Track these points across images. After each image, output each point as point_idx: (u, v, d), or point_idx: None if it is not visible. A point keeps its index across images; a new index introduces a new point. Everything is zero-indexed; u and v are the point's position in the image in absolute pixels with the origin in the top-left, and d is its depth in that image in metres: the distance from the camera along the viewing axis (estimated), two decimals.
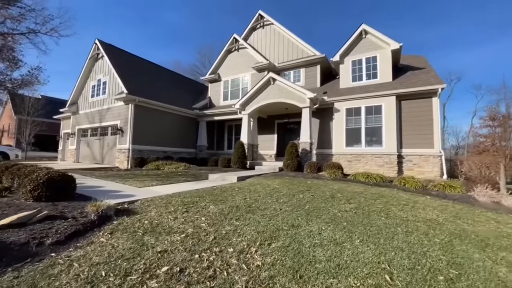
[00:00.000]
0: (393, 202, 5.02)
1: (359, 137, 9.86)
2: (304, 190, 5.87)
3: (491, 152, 39.80)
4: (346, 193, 5.64)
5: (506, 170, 6.20)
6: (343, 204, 4.76)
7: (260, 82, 11.47)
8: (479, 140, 41.67)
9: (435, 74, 9.64)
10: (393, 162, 9.07)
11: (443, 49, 55.21)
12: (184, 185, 6.55)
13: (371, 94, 9.62)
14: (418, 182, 6.54)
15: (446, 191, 6.03)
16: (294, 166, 9.45)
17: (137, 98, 11.10)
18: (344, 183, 6.99)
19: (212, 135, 16.04)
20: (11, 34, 21.26)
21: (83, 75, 14.12)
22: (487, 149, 40.42)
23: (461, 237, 3.30)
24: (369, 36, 10.81)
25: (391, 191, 6.12)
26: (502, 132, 13.86)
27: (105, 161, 12.64)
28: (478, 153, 41.65)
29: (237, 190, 5.75)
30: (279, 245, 2.92)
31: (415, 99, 9.23)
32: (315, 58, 12.65)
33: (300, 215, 4.00)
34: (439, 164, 8.61)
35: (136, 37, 67.91)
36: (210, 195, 5.10)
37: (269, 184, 6.54)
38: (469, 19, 50.19)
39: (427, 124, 8.92)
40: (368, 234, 3.31)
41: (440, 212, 4.40)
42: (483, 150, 41.37)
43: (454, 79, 41.01)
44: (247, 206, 4.41)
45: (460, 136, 44.00)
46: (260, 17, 15.05)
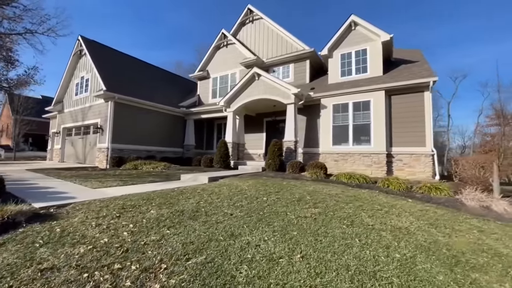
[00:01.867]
0: (367, 206, 4.43)
1: (347, 135, 9.24)
2: (272, 192, 5.32)
3: (496, 152, 38.27)
4: (317, 196, 5.07)
5: (500, 171, 5.53)
6: (307, 208, 4.20)
7: (245, 78, 10.94)
8: (485, 139, 40.49)
9: (428, 67, 8.95)
10: (382, 162, 8.43)
11: (449, 46, 53.84)
12: (147, 186, 6.07)
13: (358, 89, 9.00)
14: (402, 183, 5.92)
15: (432, 194, 5.40)
16: (276, 165, 8.90)
17: (117, 95, 10.69)
18: (323, 184, 6.42)
19: (201, 134, 15.57)
20: (8, 35, 21.19)
21: (67, 72, 13.80)
22: (494, 148, 39.12)
23: (429, 252, 2.72)
24: (359, 28, 10.17)
25: (371, 193, 5.53)
26: (502, 128, 13.06)
27: (87, 160, 12.28)
28: (484, 153, 40.44)
29: (199, 192, 5.24)
30: (199, 261, 2.40)
31: (405, 94, 8.57)
32: (304, 53, 12.05)
33: (249, 222, 3.47)
34: (431, 164, 7.94)
35: (137, 37, 68.14)
36: (162, 198, 4.60)
37: (239, 186, 6.01)
38: (478, 17, 48.76)
39: (418, 121, 8.26)
40: (316, 247, 2.75)
41: (416, 219, 3.81)
42: (489, 149, 40.11)
43: (459, 76, 39.80)
44: (194, 211, 3.89)
45: (466, 135, 42.71)
46: (249, 12, 14.51)
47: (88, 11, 54.93)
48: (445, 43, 53.96)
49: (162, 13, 63.12)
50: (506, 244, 3.01)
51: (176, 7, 60.38)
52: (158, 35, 67.75)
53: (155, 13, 63.37)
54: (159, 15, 63.56)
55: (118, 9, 60.99)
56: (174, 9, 60.73)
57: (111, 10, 60.54)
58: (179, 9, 60.52)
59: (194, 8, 59.94)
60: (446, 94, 40.73)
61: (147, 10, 63.19)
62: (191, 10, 60.51)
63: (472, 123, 44.13)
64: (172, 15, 62.27)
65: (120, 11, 61.76)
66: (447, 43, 53.93)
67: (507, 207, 4.29)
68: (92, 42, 13.15)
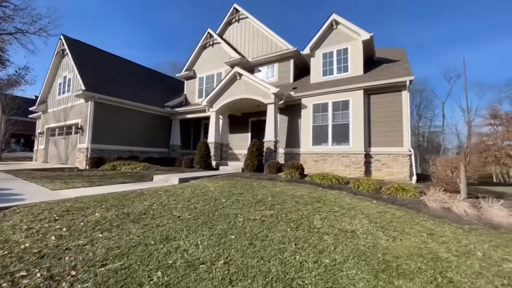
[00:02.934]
0: (325, 208, 4.32)
1: (326, 135, 9.13)
2: (236, 194, 5.21)
3: (492, 152, 38.34)
4: (280, 197, 4.96)
5: (467, 171, 5.42)
6: (261, 210, 4.08)
7: (226, 77, 10.83)
8: (479, 139, 40.37)
9: (407, 66, 8.86)
10: (360, 162, 8.32)
11: (444, 45, 53.92)
12: (113, 187, 5.95)
13: (337, 89, 8.89)
14: (371, 184, 5.81)
15: (398, 195, 5.29)
16: (254, 166, 8.78)
17: (97, 95, 10.55)
18: (294, 185, 6.30)
19: (188, 134, 15.44)
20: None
21: (50, 72, 13.65)
22: (488, 148, 39.02)
23: (362, 257, 2.61)
24: (340, 27, 10.07)
25: (339, 194, 5.41)
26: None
27: (69, 161, 12.14)
28: (479, 153, 40.37)
29: (160, 193, 5.12)
30: (114, 267, 2.28)
31: (384, 93, 8.47)
32: (288, 52, 11.94)
33: (192, 225, 3.35)
34: (408, 164, 7.84)
35: (132, 38, 67.97)
36: (116, 200, 4.48)
37: (206, 187, 5.89)
38: (473, 17, 48.85)
39: (396, 120, 8.15)
40: (246, 252, 2.64)
41: (369, 222, 3.70)
42: (483, 149, 40.01)
43: (453, 76, 39.82)
44: (142, 214, 3.77)
45: (461, 135, 42.64)
46: (235, 11, 14.39)
47: (80, 10, 54.79)
48: (443, 42, 54.03)
49: (156, 13, 63.01)
50: (450, 248, 2.90)
51: (169, 7, 60.28)
52: (154, 35, 67.64)
53: (149, 13, 63.24)
54: (153, 15, 63.45)
55: (111, 9, 60.83)
56: (168, 9, 60.64)
57: (103, 10, 60.38)
58: (172, 9, 60.43)
59: (189, 7, 59.86)
60: (441, 94, 40.73)
61: (141, 10, 63.08)
62: (184, 9, 60.41)
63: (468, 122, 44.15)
64: (166, 15, 62.15)
65: (112, 11, 61.59)
66: (445, 42, 54.02)
67: (468, 208, 4.18)
68: (75, 42, 13.00)
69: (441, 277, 2.29)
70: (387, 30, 55.61)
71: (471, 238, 3.24)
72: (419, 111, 44.53)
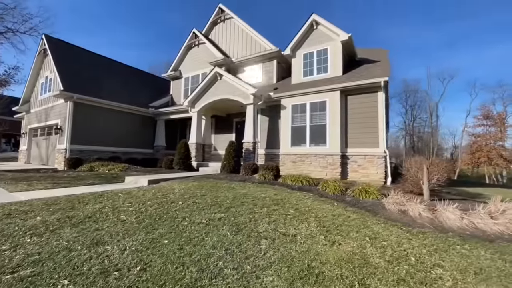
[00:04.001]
0: (280, 211, 4.26)
1: (304, 136, 9.07)
2: (197, 196, 5.14)
3: (484, 152, 38.34)
4: (241, 200, 4.89)
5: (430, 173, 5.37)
6: (214, 213, 4.01)
7: (207, 78, 10.76)
8: (472, 140, 40.40)
9: (385, 67, 8.82)
10: (337, 163, 8.27)
11: (438, 47, 54.15)
12: (78, 188, 5.85)
13: (315, 89, 8.84)
14: (338, 186, 5.75)
15: (361, 197, 5.24)
16: (231, 167, 8.71)
17: (75, 95, 10.44)
18: (262, 187, 6.24)
19: (174, 134, 15.33)
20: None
21: (33, 72, 13.51)
22: (481, 149, 39.04)
23: (287, 263, 2.54)
24: (321, 27, 10.02)
25: (303, 196, 5.35)
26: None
27: (49, 162, 12.01)
28: (471, 153, 40.34)
29: (120, 196, 5.04)
30: (23, 275, 2.21)
31: (361, 94, 8.42)
32: (271, 53, 11.88)
33: (132, 229, 3.28)
34: (383, 166, 7.80)
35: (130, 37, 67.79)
36: (69, 202, 4.39)
37: (172, 189, 5.82)
38: (468, 20, 49.14)
39: (372, 121, 8.10)
40: (171, 257, 2.57)
41: (317, 226, 3.64)
42: (476, 149, 40.05)
43: (447, 77, 39.99)
44: (87, 217, 3.69)
45: (456, 136, 42.78)
46: (220, 11, 14.32)
47: (81, 10, 54.58)
48: (437, 44, 54.30)
49: (154, 13, 62.87)
50: (385, 253, 2.84)
51: (169, 6, 60.20)
52: (152, 35, 67.51)
53: (147, 13, 63.11)
54: (151, 15, 63.30)
55: (110, 8, 60.65)
56: (167, 8, 60.55)
57: (103, 9, 60.20)
58: (172, 9, 60.36)
59: (189, 8, 59.79)
60: (435, 95, 40.83)
61: (140, 10, 62.92)
62: (183, 10, 60.32)
63: (461, 124, 44.40)
64: (165, 15, 62.04)
65: (112, 11, 61.41)
66: (439, 43, 54.28)
67: (423, 211, 4.13)
68: (57, 41, 12.87)
69: (359, 284, 2.23)
70: (386, 32, 55.79)
71: (414, 242, 3.18)
72: (414, 112, 44.70)
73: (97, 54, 14.88)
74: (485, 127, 35.83)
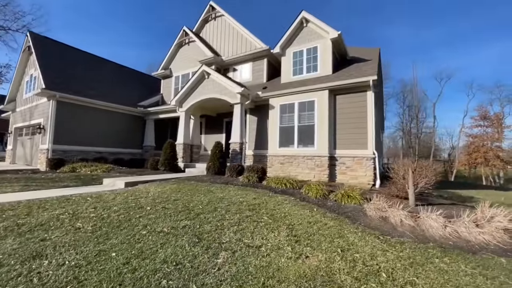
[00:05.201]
0: (254, 217, 3.98)
1: (292, 137, 8.79)
2: (171, 200, 4.86)
3: (481, 153, 38.15)
4: (215, 205, 4.61)
5: (418, 176, 5.11)
6: (178, 221, 3.73)
7: (194, 76, 10.46)
8: (469, 141, 40.20)
9: (374, 66, 8.55)
10: (325, 165, 8.00)
11: (436, 47, 54.06)
12: (48, 191, 5.54)
13: (302, 89, 8.57)
14: (321, 190, 5.48)
15: (343, 202, 4.97)
16: (216, 168, 8.43)
17: (58, 94, 10.12)
18: (244, 190, 5.96)
19: (164, 134, 15.02)
20: None
21: (18, 70, 13.18)
22: (478, 150, 38.84)
23: (240, 281, 2.26)
24: (310, 25, 9.74)
25: (283, 201, 5.07)
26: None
27: (33, 162, 11.68)
28: (468, 154, 40.11)
29: (88, 200, 4.75)
30: None
31: (350, 94, 8.15)
32: (261, 51, 11.60)
33: (82, 239, 2.99)
34: (372, 168, 7.53)
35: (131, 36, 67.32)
36: (28, 208, 4.11)
37: (146, 192, 5.53)
38: (465, 19, 49.05)
39: (361, 122, 7.84)
40: (111, 274, 2.28)
41: (287, 234, 3.36)
42: (473, 150, 39.83)
43: (444, 77, 39.88)
44: (39, 224, 3.41)
45: (453, 136, 42.67)
46: (211, 9, 14.02)
47: (77, 8, 54.11)
48: (435, 43, 54.21)
49: (153, 12, 62.45)
50: (354, 269, 2.56)
51: (170, 4, 59.83)
52: (151, 35, 67.08)
53: (146, 12, 62.67)
54: (150, 15, 62.89)
55: (109, 7, 60.21)
56: (169, 6, 60.20)
57: (101, 8, 59.76)
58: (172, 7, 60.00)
59: (187, 7, 59.41)
60: (433, 96, 40.72)
61: (139, 9, 62.50)
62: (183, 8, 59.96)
63: (459, 124, 44.31)
64: (165, 14, 61.66)
65: (111, 10, 60.95)
66: (436, 43, 54.19)
67: (405, 218, 3.86)
68: (42, 38, 12.53)
69: None
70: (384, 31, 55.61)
71: (389, 254, 2.91)
72: (411, 112, 44.52)
73: (85, 51, 14.54)
74: (482, 127, 35.70)
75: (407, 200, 5.10)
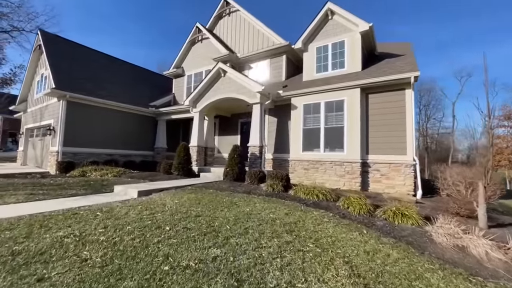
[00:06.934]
0: (296, 244, 3.24)
1: (318, 140, 8.00)
2: (192, 216, 4.18)
3: (506, 155, 36.18)
4: (244, 223, 3.90)
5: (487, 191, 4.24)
6: (206, 248, 3.03)
7: (210, 74, 9.81)
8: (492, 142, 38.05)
9: (412, 61, 7.64)
10: (356, 172, 7.17)
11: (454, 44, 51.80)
12: (54, 202, 4.97)
13: (330, 87, 7.75)
14: (365, 205, 4.68)
15: (396, 221, 4.15)
16: (235, 174, 7.74)
17: (68, 94, 9.67)
18: (271, 202, 5.24)
19: (176, 135, 14.49)
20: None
21: (29, 70, 12.90)
22: (502, 152, 36.91)
23: None
24: (336, 17, 8.91)
25: (321, 218, 4.32)
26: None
27: (43, 164, 11.32)
28: (492, 156, 38.02)
29: (98, 214, 4.13)
30: None
31: (384, 92, 7.29)
32: (280, 47, 10.84)
33: (89, 279, 2.32)
34: (412, 176, 6.66)
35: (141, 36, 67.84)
36: (28, 227, 3.51)
37: (162, 205, 4.88)
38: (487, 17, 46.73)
39: (398, 124, 6.97)
40: None
41: (349, 274, 2.60)
42: (496, 152, 37.88)
43: (464, 75, 37.97)
44: (39, 253, 2.78)
45: (473, 137, 40.61)
46: (225, 3, 13.34)
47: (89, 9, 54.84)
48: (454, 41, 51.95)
49: (163, 11, 62.67)
50: None
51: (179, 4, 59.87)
52: (160, 33, 67.39)
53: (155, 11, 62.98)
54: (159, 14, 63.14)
55: (120, 7, 60.76)
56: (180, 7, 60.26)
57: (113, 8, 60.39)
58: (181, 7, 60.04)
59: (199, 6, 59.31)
60: (451, 95, 38.88)
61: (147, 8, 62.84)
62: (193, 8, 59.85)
63: (479, 124, 42.21)
64: (176, 13, 61.80)
65: (122, 10, 61.53)
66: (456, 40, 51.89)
67: (491, 250, 3.03)
68: (53, 37, 12.19)
69: None
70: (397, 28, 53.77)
71: None
72: (428, 112, 42.69)
73: (96, 50, 14.17)
74: (507, 128, 33.76)
75: (472, 219, 4.26)
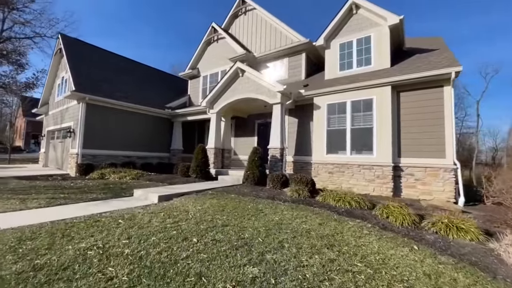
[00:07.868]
0: (341, 263, 2.84)
1: (344, 142, 7.51)
2: (219, 226, 3.86)
3: None
4: (276, 235, 3.54)
5: None
6: (242, 266, 2.69)
7: (227, 74, 9.53)
8: None
9: (449, 55, 7.01)
10: (387, 176, 6.63)
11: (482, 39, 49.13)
12: (75, 208, 4.83)
13: (357, 85, 7.25)
14: (408, 215, 4.18)
15: (451, 236, 3.64)
16: (255, 178, 7.39)
17: (87, 96, 9.70)
18: (299, 210, 4.85)
19: (192, 137, 14.37)
20: (18, 39, 21.44)
21: (50, 73, 13.19)
22: None
23: None
24: (362, 11, 8.39)
25: (360, 230, 3.88)
26: None
27: (64, 166, 11.48)
28: None
29: (120, 222, 3.91)
30: None
31: (419, 90, 6.71)
32: (299, 45, 10.41)
33: None
34: (453, 181, 6.05)
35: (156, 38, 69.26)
36: (50, 236, 3.32)
37: (185, 212, 4.61)
38: None
39: (435, 124, 6.38)
40: None
41: None
42: None
43: (490, 72, 35.78)
44: (61, 268, 2.53)
45: (498, 137, 38.28)
46: (241, 2, 13.07)
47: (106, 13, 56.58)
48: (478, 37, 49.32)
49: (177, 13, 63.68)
50: None
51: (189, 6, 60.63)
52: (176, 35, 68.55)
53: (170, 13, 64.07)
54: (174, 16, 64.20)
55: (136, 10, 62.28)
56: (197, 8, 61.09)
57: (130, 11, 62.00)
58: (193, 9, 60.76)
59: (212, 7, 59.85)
60: (475, 92, 36.76)
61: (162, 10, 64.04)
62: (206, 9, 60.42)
63: (506, 123, 39.74)
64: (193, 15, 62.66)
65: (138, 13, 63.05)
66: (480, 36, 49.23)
67: None
68: (73, 40, 12.39)
69: None
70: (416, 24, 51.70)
71: None
72: None
73: (114, 53, 14.32)
74: None
75: None
